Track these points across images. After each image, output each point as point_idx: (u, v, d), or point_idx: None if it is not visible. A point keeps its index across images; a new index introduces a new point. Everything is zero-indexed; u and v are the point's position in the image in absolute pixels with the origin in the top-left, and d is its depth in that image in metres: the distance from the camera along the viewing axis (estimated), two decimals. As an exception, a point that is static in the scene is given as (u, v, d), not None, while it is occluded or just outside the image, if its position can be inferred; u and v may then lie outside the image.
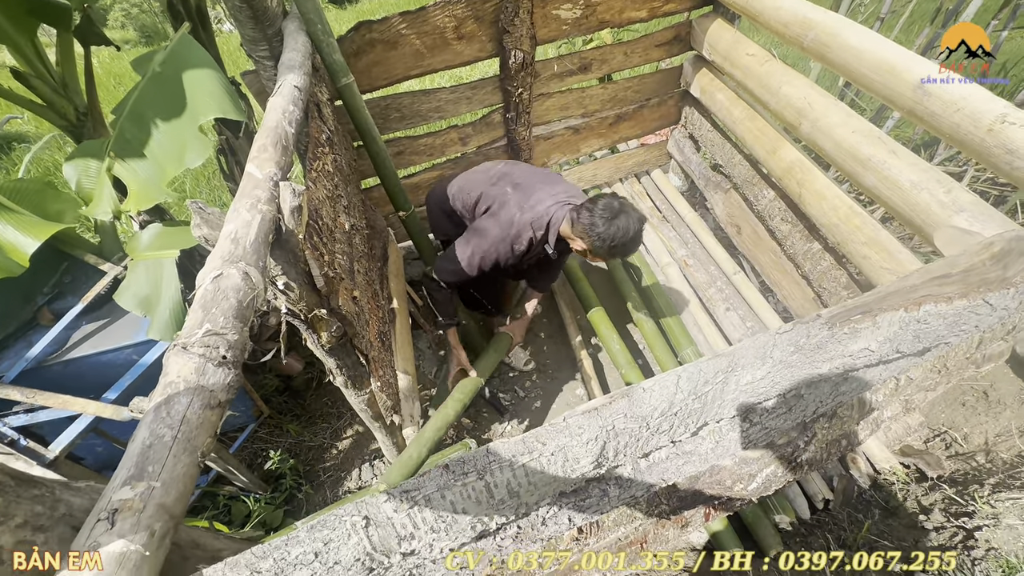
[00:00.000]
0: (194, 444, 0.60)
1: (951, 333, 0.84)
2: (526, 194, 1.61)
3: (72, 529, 0.54)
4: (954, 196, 1.39)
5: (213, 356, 0.68)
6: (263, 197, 0.96)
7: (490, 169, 1.86)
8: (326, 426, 2.33)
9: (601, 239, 1.45)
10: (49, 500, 0.53)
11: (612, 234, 1.44)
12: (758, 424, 0.97)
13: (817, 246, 2.02)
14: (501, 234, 1.57)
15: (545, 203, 1.59)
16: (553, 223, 1.58)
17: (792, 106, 1.86)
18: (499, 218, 1.59)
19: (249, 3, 1.49)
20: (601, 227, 1.44)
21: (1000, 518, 1.30)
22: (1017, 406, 1.75)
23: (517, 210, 1.58)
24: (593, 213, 1.46)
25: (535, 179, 1.69)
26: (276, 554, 0.57)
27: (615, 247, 1.47)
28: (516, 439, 0.63)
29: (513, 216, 1.57)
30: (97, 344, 1.49)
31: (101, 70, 7.05)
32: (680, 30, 2.45)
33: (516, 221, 1.57)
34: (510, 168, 1.81)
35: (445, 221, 2.02)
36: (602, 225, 1.44)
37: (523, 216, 1.57)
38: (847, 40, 1.56)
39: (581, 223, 1.49)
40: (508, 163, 1.89)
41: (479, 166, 1.94)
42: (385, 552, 0.63)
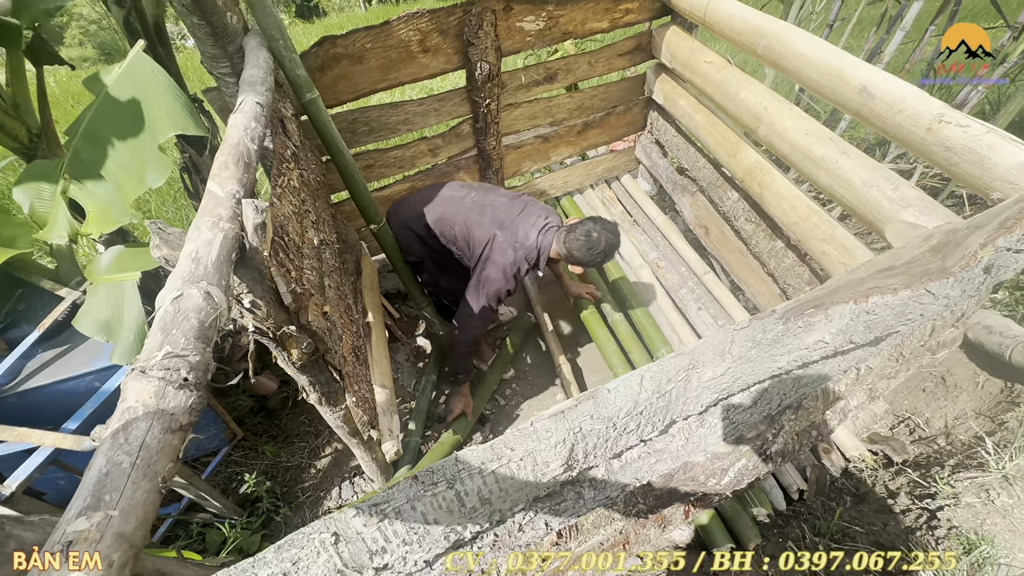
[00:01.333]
0: (154, 470, 0.59)
1: (899, 322, 0.88)
2: (513, 232, 1.89)
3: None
4: (901, 192, 1.46)
5: (174, 379, 0.67)
6: (225, 215, 0.95)
7: (462, 199, 1.99)
8: (304, 445, 2.28)
9: (592, 254, 1.79)
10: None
11: (601, 249, 1.79)
12: (726, 419, 1.00)
13: (780, 244, 2.09)
14: (504, 275, 1.88)
15: (531, 236, 1.87)
16: (543, 251, 1.88)
17: (749, 110, 1.93)
18: (498, 263, 1.88)
19: (208, 21, 1.48)
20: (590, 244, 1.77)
21: (960, 497, 1.36)
22: (972, 389, 1.84)
23: (511, 250, 1.87)
24: (579, 237, 1.78)
25: (513, 213, 1.93)
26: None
27: (608, 257, 1.84)
28: (484, 446, 0.64)
29: (508, 256, 1.88)
30: (55, 373, 1.43)
31: (58, 89, 6.84)
32: (641, 40, 2.52)
33: (513, 261, 1.87)
34: (485, 197, 1.98)
35: (417, 244, 2.10)
36: (588, 243, 1.77)
37: (517, 255, 1.87)
38: (796, 47, 1.63)
39: (575, 244, 1.79)
40: (480, 190, 2.03)
41: (444, 192, 2.05)
42: (357, 568, 0.62)
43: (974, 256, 0.90)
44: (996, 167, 1.17)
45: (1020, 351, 1.71)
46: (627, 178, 3.17)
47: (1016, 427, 1.55)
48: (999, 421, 1.64)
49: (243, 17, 1.64)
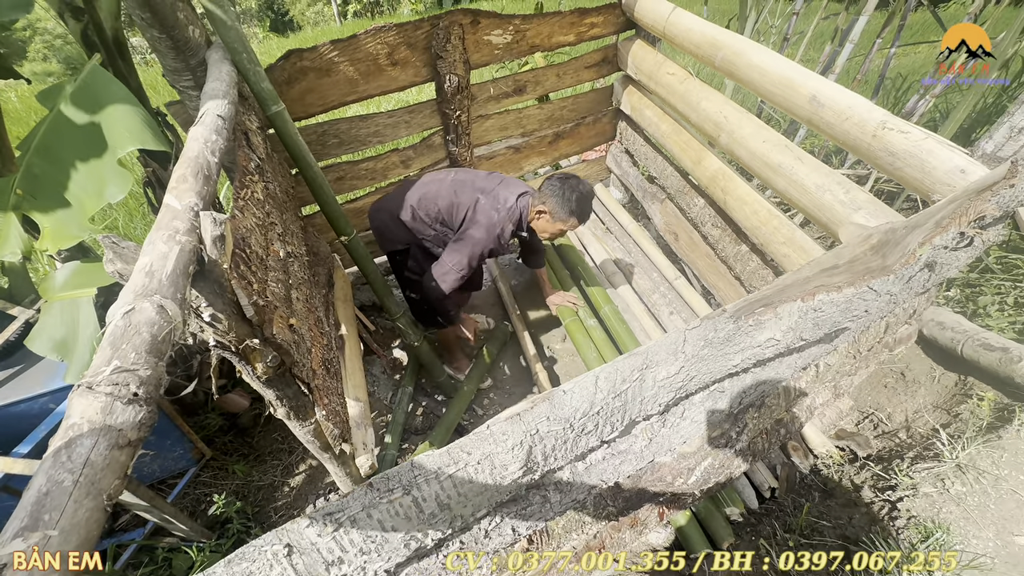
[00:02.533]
0: (99, 487, 0.57)
1: (845, 318, 0.92)
2: (495, 197, 1.96)
3: (-45, 591, 0.50)
4: (852, 196, 1.53)
5: (122, 394, 0.66)
6: (182, 228, 0.94)
7: (443, 180, 2.04)
8: (277, 463, 2.23)
9: (569, 205, 1.88)
10: (-74, 561, 0.49)
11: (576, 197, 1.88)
12: (688, 419, 1.02)
13: (745, 248, 2.15)
14: (488, 234, 1.93)
15: (511, 200, 1.96)
16: (524, 212, 1.97)
17: (711, 120, 2.00)
18: (481, 223, 1.93)
19: (169, 35, 1.47)
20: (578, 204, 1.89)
21: (918, 488, 1.40)
22: (929, 383, 1.91)
23: (494, 212, 1.93)
24: (553, 184, 1.91)
25: (493, 183, 2.01)
26: (191, 593, 0.55)
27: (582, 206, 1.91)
28: (441, 451, 0.64)
29: (492, 217, 1.93)
30: (6, 395, 1.37)
31: (20, 104, 6.65)
32: (607, 52, 2.59)
33: (496, 220, 1.93)
34: (464, 175, 2.05)
35: (402, 231, 2.09)
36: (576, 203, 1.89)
37: (500, 215, 1.93)
38: (750, 59, 1.70)
39: (549, 192, 1.89)
40: (459, 171, 2.10)
41: (425, 178, 2.09)
42: (312, 580, 0.61)
43: (913, 254, 0.95)
44: (935, 171, 1.24)
45: (970, 345, 1.79)
46: (599, 187, 3.23)
47: (968, 418, 1.62)
48: (954, 413, 1.71)
49: (205, 31, 1.63)
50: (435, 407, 2.47)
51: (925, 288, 1.31)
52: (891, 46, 2.59)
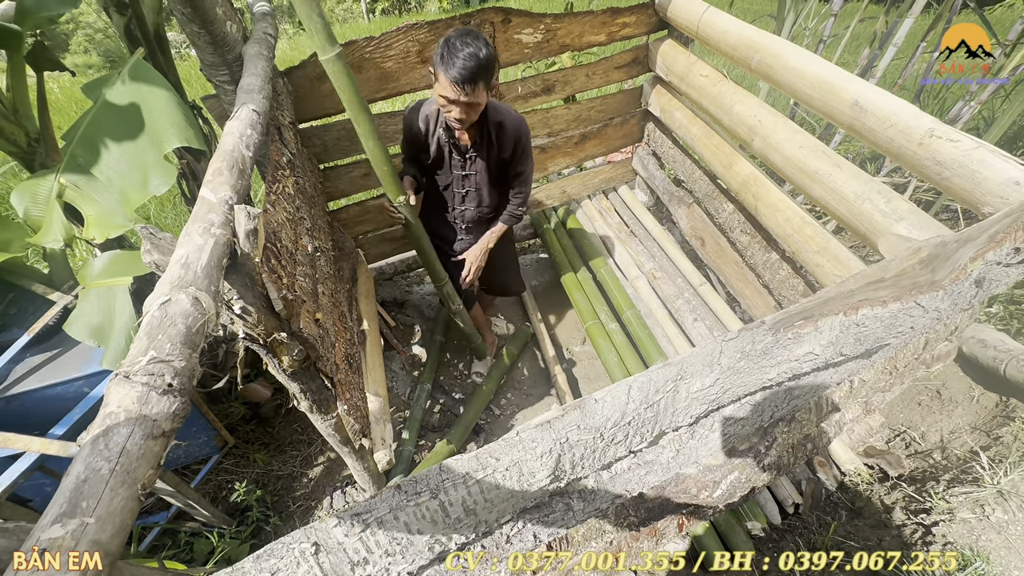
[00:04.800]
0: (134, 476, 0.58)
1: (889, 335, 0.88)
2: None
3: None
4: (894, 205, 1.47)
5: (158, 384, 0.66)
6: (217, 221, 0.95)
7: None
8: (296, 454, 2.26)
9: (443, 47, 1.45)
10: (-30, 543, 0.51)
11: (462, 49, 1.43)
12: (717, 431, 0.99)
13: (775, 256, 2.09)
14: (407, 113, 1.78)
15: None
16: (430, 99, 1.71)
17: (744, 123, 1.95)
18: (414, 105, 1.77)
19: (208, 30, 1.49)
20: (452, 53, 1.44)
21: (954, 512, 1.34)
22: (967, 403, 1.83)
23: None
24: (440, 51, 1.47)
25: None
26: (220, 587, 0.55)
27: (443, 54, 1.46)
28: (470, 455, 0.63)
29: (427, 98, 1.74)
30: (44, 378, 1.42)
31: (62, 95, 6.89)
32: (638, 53, 2.55)
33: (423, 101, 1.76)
34: None
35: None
36: (450, 50, 1.44)
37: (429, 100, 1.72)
38: (788, 61, 1.65)
39: (438, 64, 1.49)
40: None
41: None
42: (338, 579, 0.61)
43: (964, 270, 0.90)
44: (986, 181, 1.18)
45: (1014, 365, 1.71)
46: (624, 189, 3.19)
47: (1011, 442, 1.54)
48: (994, 436, 1.63)
49: (242, 26, 1.66)
50: (453, 405, 2.48)
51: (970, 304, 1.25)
52: (935, 50, 2.49)
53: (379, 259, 2.76)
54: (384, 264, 2.86)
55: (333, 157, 2.20)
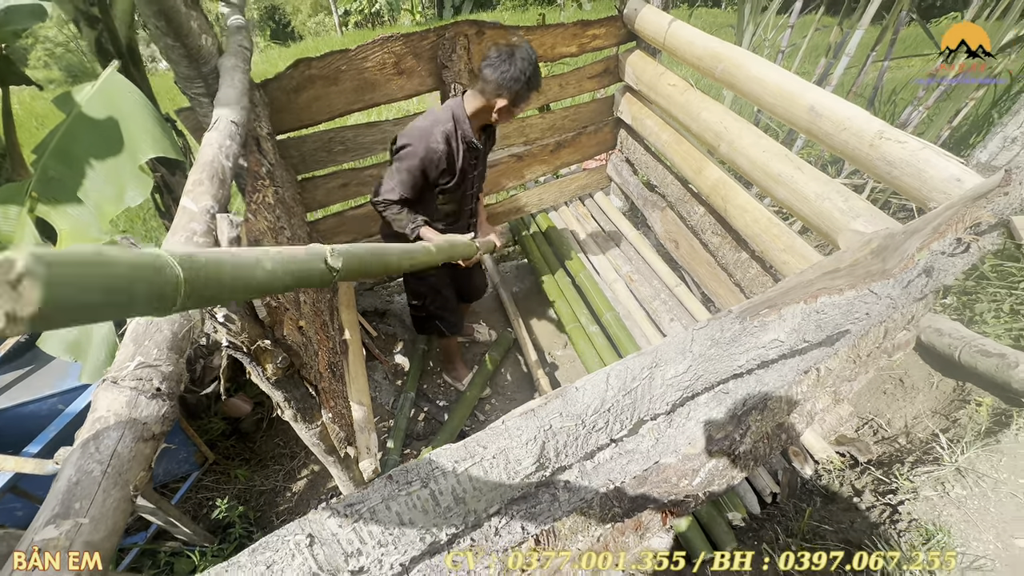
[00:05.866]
0: (125, 478, 0.59)
1: (847, 320, 0.94)
2: (425, 114, 1.70)
3: (-11, 576, 0.51)
4: (851, 204, 1.56)
5: (146, 388, 0.67)
6: (199, 230, 0.96)
7: None
8: (279, 468, 2.23)
9: (516, 79, 1.50)
10: (-37, 547, 0.51)
11: (522, 68, 1.50)
12: (693, 420, 1.04)
13: (745, 255, 2.18)
14: (416, 145, 1.62)
15: (436, 110, 1.68)
16: (457, 112, 1.65)
17: (711, 129, 2.04)
18: (408, 135, 1.65)
19: (183, 43, 1.50)
20: (510, 69, 1.49)
21: (918, 491, 1.42)
22: (928, 389, 1.93)
23: (421, 121, 1.66)
24: (495, 67, 1.51)
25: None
26: (216, 582, 0.56)
27: (531, 78, 1.53)
28: (458, 445, 0.66)
29: (416, 126, 1.65)
30: (15, 396, 1.38)
31: (22, 110, 6.68)
32: (609, 63, 2.64)
33: (421, 127, 1.64)
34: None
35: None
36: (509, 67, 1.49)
37: (424, 123, 1.65)
38: (750, 71, 1.75)
39: (491, 82, 1.52)
40: None
41: None
42: (332, 571, 0.63)
43: (911, 259, 0.98)
44: (932, 179, 1.27)
45: (968, 352, 1.82)
46: (600, 195, 3.27)
47: (967, 423, 1.64)
48: (952, 418, 1.73)
49: (217, 39, 1.67)
50: (437, 412, 2.48)
51: (923, 294, 1.33)
52: (885, 59, 2.65)
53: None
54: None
55: (310, 168, 2.21)
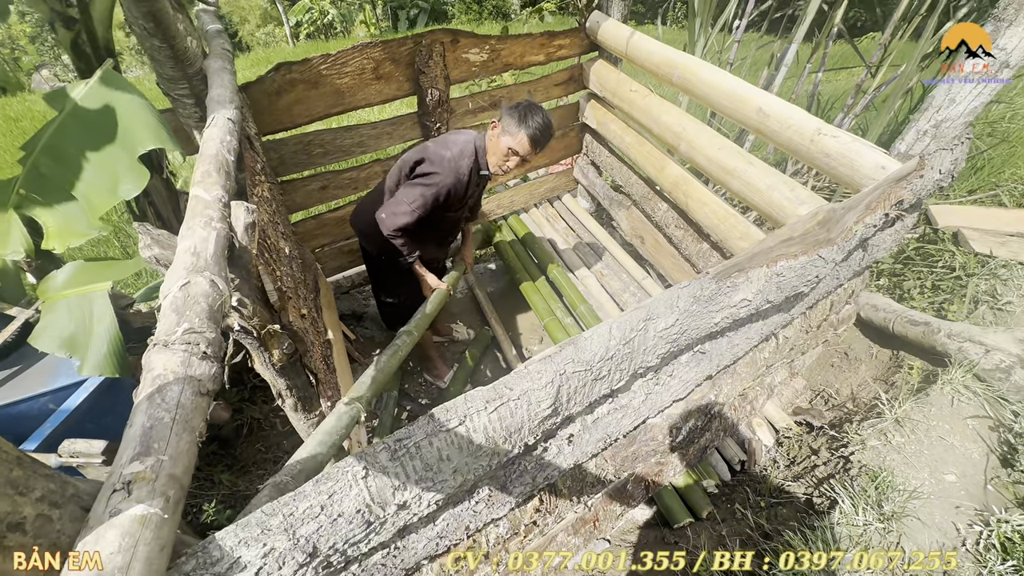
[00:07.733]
0: (191, 425, 0.64)
1: (801, 283, 1.10)
2: (444, 141, 1.89)
3: (82, 509, 0.56)
4: (797, 192, 1.76)
5: (196, 351, 0.72)
6: (215, 216, 1.00)
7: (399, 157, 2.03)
8: (262, 472, 2.21)
9: (535, 128, 1.75)
10: (58, 480, 0.55)
11: (541, 120, 1.76)
12: (676, 377, 1.17)
13: (706, 246, 2.37)
14: (446, 171, 1.81)
15: (460, 141, 1.88)
16: (479, 147, 1.87)
17: (670, 131, 2.22)
18: (435, 163, 1.83)
19: (170, 44, 1.52)
20: (531, 119, 1.75)
21: (865, 442, 1.61)
22: (869, 360, 2.17)
23: (446, 151, 1.84)
24: (520, 114, 1.76)
25: (443, 136, 1.98)
26: (284, 510, 0.63)
27: (547, 127, 1.78)
28: (487, 387, 0.75)
29: (445, 155, 1.83)
30: (5, 395, 1.33)
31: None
32: (573, 71, 2.81)
33: (451, 156, 1.83)
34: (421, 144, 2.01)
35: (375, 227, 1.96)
36: (531, 117, 1.75)
37: (454, 151, 1.84)
38: (703, 76, 1.94)
39: (514, 123, 1.76)
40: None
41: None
42: (381, 504, 0.70)
43: (850, 230, 1.15)
44: (862, 167, 1.47)
45: (899, 323, 2.07)
46: (568, 197, 3.43)
47: (902, 384, 1.87)
48: (890, 382, 1.95)
49: (201, 42, 1.69)
50: (420, 411, 2.53)
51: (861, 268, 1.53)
52: (818, 71, 2.96)
53: (336, 272, 2.78)
54: (341, 277, 2.87)
55: (290, 170, 2.24)
